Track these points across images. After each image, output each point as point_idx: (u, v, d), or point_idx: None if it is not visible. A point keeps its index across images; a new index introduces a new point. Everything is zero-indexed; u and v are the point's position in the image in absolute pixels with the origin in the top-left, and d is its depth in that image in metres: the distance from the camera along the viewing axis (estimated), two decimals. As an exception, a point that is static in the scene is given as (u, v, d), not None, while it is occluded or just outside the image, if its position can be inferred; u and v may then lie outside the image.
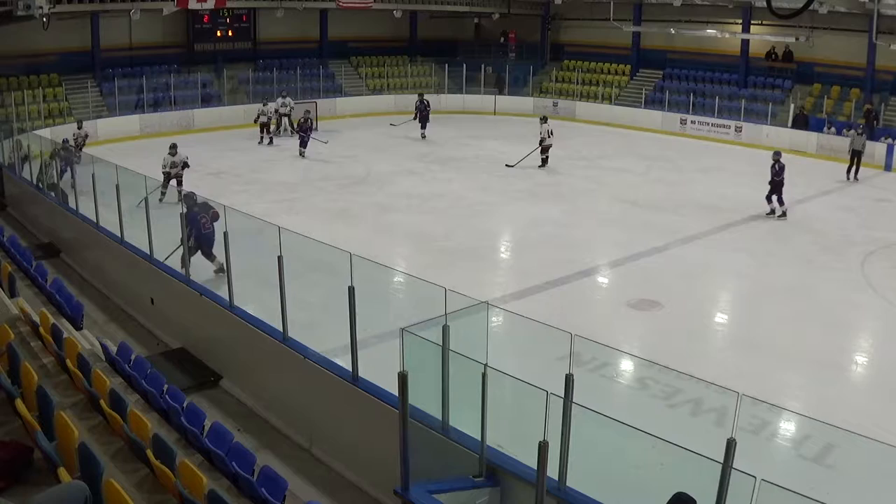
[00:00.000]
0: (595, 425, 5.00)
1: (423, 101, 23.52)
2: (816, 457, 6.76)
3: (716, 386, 6.06)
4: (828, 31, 22.94)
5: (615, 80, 28.34)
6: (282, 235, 7.55)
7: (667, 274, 11.86)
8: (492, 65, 30.11)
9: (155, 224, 10.23)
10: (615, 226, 14.40)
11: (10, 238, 11.97)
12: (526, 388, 4.89)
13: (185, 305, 9.60)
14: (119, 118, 22.77)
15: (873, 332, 10.44)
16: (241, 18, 27.10)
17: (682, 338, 9.52)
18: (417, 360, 5.46)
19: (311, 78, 27.55)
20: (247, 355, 8.50)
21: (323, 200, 15.92)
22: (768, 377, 8.40)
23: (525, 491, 5.23)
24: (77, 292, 10.72)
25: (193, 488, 4.73)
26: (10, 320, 7.85)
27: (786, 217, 14.73)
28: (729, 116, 24.37)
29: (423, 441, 5.68)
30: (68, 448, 4.93)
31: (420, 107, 23.38)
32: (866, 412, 7.65)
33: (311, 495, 6.66)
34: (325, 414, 7.46)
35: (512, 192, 16.82)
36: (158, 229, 10.23)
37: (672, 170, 19.63)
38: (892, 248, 13.27)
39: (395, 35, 31.15)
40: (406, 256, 12.70)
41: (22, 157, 15.90)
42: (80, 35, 23.57)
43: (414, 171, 18.91)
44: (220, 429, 6.15)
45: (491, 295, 9.39)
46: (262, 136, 22.38)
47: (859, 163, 18.55)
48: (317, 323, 8.85)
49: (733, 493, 4.14)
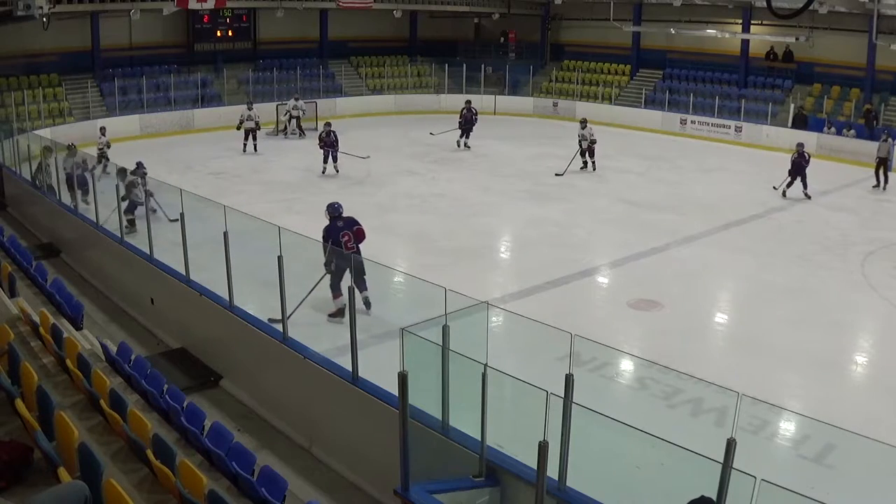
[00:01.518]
0: (595, 425, 5.00)
1: (470, 108, 21.48)
2: (816, 457, 6.75)
3: (716, 386, 6.05)
4: (828, 31, 22.94)
5: (615, 80, 28.33)
6: (282, 235, 7.55)
7: (667, 274, 11.87)
8: (492, 65, 30.11)
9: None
10: (615, 226, 14.40)
11: (10, 238, 11.98)
12: (526, 388, 4.89)
13: (185, 305, 9.59)
14: (119, 118, 22.75)
15: (873, 332, 10.44)
16: (241, 18, 27.08)
17: (682, 338, 9.52)
18: (417, 360, 5.46)
19: (311, 78, 27.56)
20: (247, 355, 8.50)
21: (323, 200, 15.77)
22: (768, 377, 8.40)
23: (525, 491, 5.23)
24: (77, 292, 10.72)
25: (193, 488, 4.73)
26: (10, 320, 7.86)
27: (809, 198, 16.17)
28: (729, 116, 24.37)
29: (423, 441, 5.68)
30: (68, 448, 4.93)
31: (467, 115, 21.29)
32: (866, 412, 7.65)
33: (311, 495, 6.66)
34: (325, 414, 7.46)
35: (512, 193, 16.82)
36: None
37: (672, 170, 19.63)
38: (892, 248, 13.26)
39: (395, 35, 31.16)
40: (406, 256, 12.69)
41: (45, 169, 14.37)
42: (80, 35, 23.57)
43: (414, 171, 18.91)
44: (220, 429, 6.15)
45: (491, 295, 9.39)
46: (245, 143, 20.56)
47: (886, 170, 17.85)
48: (317, 323, 8.84)
49: (733, 493, 4.13)
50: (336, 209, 9.57)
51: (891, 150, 18.24)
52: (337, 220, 9.47)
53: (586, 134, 18.66)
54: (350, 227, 9.43)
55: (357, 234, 9.45)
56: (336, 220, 9.48)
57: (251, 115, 20.66)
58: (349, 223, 9.51)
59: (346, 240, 9.28)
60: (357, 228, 9.48)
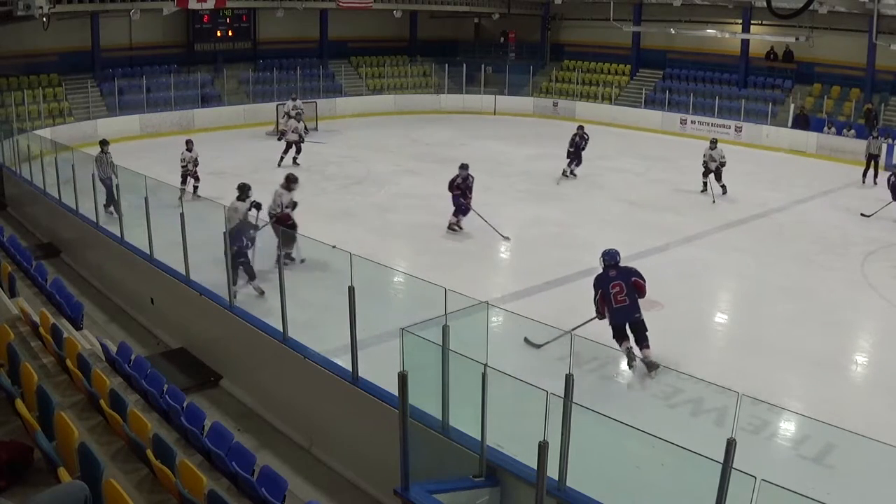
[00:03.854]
0: (595, 425, 5.00)
1: (583, 134, 18.17)
2: (816, 457, 6.75)
3: (716, 386, 6.05)
4: (828, 31, 22.94)
5: (615, 80, 28.34)
6: (282, 235, 7.55)
7: (667, 274, 11.84)
8: (492, 65, 30.12)
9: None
10: (615, 226, 14.39)
11: (10, 238, 11.98)
12: (526, 388, 4.89)
13: (185, 305, 9.60)
14: (119, 118, 22.77)
15: (873, 332, 10.44)
16: (241, 18, 27.08)
17: (682, 338, 9.51)
18: (417, 360, 5.46)
19: (311, 78, 27.56)
20: (247, 355, 8.50)
21: (323, 200, 15.90)
22: (768, 377, 8.39)
23: (525, 491, 5.23)
24: (77, 292, 10.72)
25: (193, 488, 4.73)
26: (10, 320, 7.85)
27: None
28: (729, 116, 24.37)
29: (423, 441, 5.68)
30: (68, 448, 4.93)
31: (578, 141, 18.12)
32: (866, 412, 7.65)
33: (311, 495, 6.66)
34: (325, 414, 7.46)
35: (512, 193, 16.82)
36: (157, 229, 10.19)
37: (672, 170, 19.62)
38: (892, 248, 13.26)
39: (395, 35, 31.15)
40: (406, 256, 12.69)
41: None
42: (80, 35, 23.56)
43: (414, 171, 18.90)
44: (220, 429, 6.15)
45: (491, 295, 9.39)
46: (183, 188, 14.73)
47: (877, 166, 18.16)
48: (317, 323, 8.85)
49: (733, 493, 4.14)
50: (612, 257, 8.36)
51: (881, 147, 18.45)
52: (609, 270, 8.30)
53: (715, 156, 16.53)
54: (626, 278, 8.16)
55: (636, 286, 8.11)
56: (608, 270, 8.31)
57: (190, 157, 15.63)
58: (624, 273, 8.25)
59: (617, 291, 8.06)
60: (635, 281, 8.13)
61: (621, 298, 8.03)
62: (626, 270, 8.25)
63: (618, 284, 8.07)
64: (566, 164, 18.18)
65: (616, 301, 8.03)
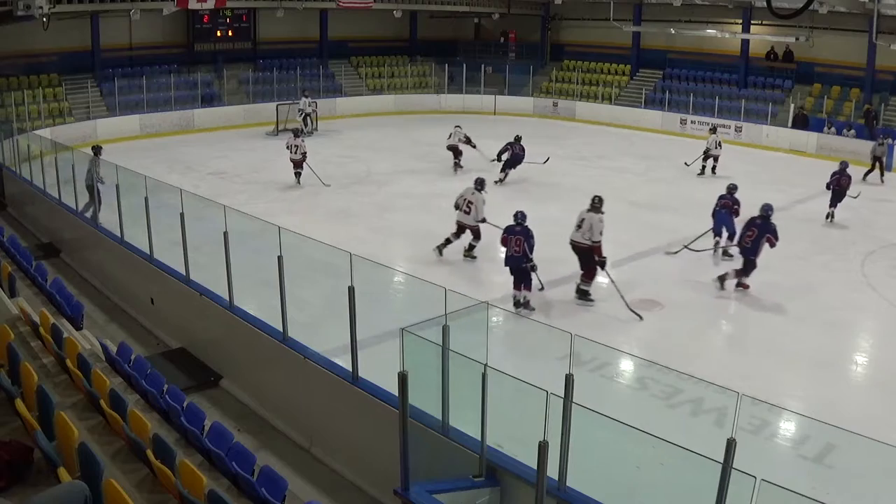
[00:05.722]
0: (595, 425, 5.00)
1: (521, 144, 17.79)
2: (816, 457, 6.75)
3: (716, 386, 6.06)
4: (828, 31, 22.96)
5: (615, 80, 28.34)
6: (282, 235, 7.55)
7: (667, 274, 11.86)
8: (492, 65, 30.12)
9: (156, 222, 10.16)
10: (615, 226, 14.26)
11: (10, 238, 11.97)
12: (526, 388, 4.89)
13: (185, 305, 9.59)
14: (119, 118, 22.77)
15: (873, 332, 10.44)
16: (241, 18, 27.10)
17: (682, 338, 9.52)
18: (417, 360, 5.46)
19: (311, 78, 27.56)
20: (247, 355, 8.50)
21: (323, 200, 15.91)
22: (768, 377, 8.40)
23: (525, 491, 5.23)
24: (77, 292, 10.73)
25: (193, 488, 4.73)
26: (10, 320, 7.85)
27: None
28: (729, 116, 24.37)
29: (423, 441, 5.68)
30: (68, 448, 4.93)
31: (519, 152, 17.82)
32: (866, 412, 7.66)
33: (311, 495, 6.66)
34: (325, 414, 7.45)
35: (512, 193, 16.80)
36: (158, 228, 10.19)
37: (672, 170, 19.62)
38: (891, 248, 13.27)
39: (395, 35, 31.16)
40: (406, 256, 12.69)
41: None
42: (80, 35, 23.56)
43: (414, 171, 18.90)
44: (220, 429, 6.15)
45: (491, 295, 9.39)
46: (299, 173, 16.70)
47: (882, 167, 18.45)
48: (317, 323, 8.84)
49: (733, 493, 4.14)
50: (521, 217, 10.25)
51: (887, 151, 18.64)
52: (515, 226, 10.13)
53: (716, 140, 18.70)
54: (525, 235, 10.00)
55: (519, 242, 9.97)
56: (514, 226, 10.13)
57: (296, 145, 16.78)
58: (525, 232, 10.07)
59: (514, 244, 9.96)
60: (519, 239, 9.94)
61: (517, 250, 9.94)
62: (525, 229, 10.07)
63: (518, 239, 9.93)
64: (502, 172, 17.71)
65: (513, 251, 9.95)
